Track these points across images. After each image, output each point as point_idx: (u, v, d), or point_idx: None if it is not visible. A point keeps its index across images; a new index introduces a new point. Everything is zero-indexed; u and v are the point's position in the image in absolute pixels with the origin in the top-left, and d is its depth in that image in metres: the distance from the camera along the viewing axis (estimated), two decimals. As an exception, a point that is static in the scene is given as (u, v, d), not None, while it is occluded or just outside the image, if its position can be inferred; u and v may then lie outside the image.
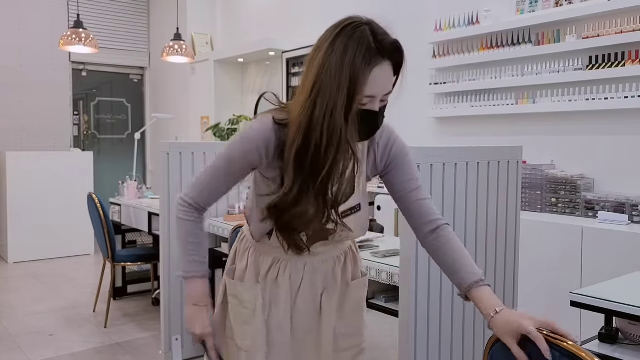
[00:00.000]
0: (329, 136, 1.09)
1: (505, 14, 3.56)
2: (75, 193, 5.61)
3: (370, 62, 1.10)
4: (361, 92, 1.10)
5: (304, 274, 1.34)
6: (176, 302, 2.97)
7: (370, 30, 1.13)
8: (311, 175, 1.14)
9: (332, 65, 1.09)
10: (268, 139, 1.18)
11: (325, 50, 1.11)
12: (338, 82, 1.08)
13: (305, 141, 1.11)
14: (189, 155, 2.96)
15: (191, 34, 6.49)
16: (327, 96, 1.08)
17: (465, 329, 2.15)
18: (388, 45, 1.13)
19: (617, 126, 3.07)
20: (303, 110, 1.11)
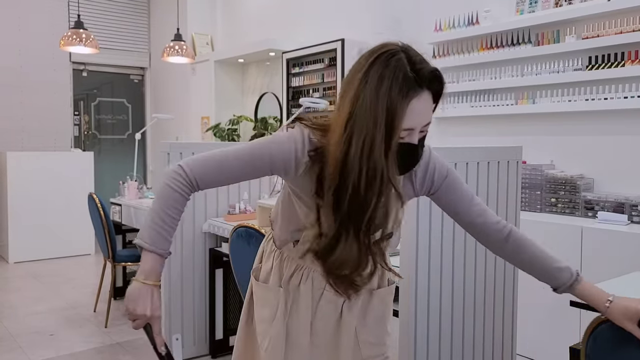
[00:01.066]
0: (369, 176, 1.01)
1: (505, 15, 3.57)
2: (75, 193, 5.61)
3: (408, 93, 1.02)
4: (399, 126, 1.02)
5: (326, 284, 1.30)
6: (176, 302, 2.97)
7: (406, 58, 1.04)
8: (350, 218, 1.06)
9: (366, 98, 1.01)
10: (299, 159, 1.12)
11: (359, 82, 1.02)
12: (374, 117, 1.00)
13: (342, 181, 1.03)
14: (189, 155, 2.93)
15: (191, 34, 6.50)
16: (364, 132, 1.00)
17: (465, 328, 2.16)
18: (427, 74, 1.04)
19: (616, 126, 3.07)
20: (338, 147, 1.03)
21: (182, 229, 2.97)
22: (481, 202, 1.30)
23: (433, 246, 1.94)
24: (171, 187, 1.15)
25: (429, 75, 1.04)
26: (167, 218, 1.15)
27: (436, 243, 1.95)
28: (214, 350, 3.06)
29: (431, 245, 1.93)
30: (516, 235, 1.31)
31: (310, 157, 1.12)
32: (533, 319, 2.93)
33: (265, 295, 1.37)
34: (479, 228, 1.30)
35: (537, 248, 1.31)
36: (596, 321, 1.25)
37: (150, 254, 1.15)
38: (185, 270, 2.99)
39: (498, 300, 2.29)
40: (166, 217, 1.15)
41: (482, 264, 2.20)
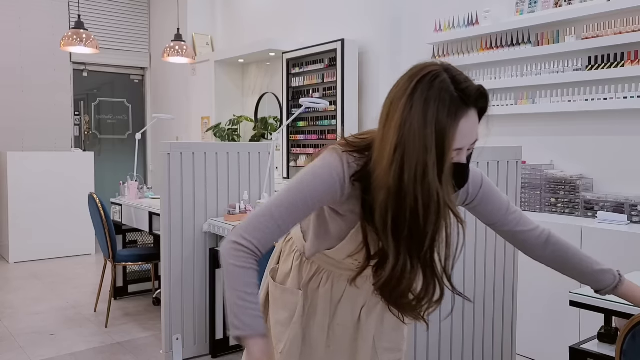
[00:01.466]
0: (426, 201, 0.99)
1: (505, 15, 3.57)
2: (76, 193, 5.61)
3: (457, 114, 0.99)
4: (451, 148, 1.00)
5: (346, 288, 1.31)
6: (176, 302, 2.98)
7: (450, 78, 1.01)
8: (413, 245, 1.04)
9: (414, 123, 0.98)
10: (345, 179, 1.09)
11: (404, 106, 1.00)
12: (424, 142, 0.98)
13: (399, 208, 1.01)
14: (189, 155, 2.97)
15: (192, 34, 6.50)
16: (415, 158, 0.98)
17: (465, 328, 2.16)
18: (473, 92, 1.02)
19: (616, 126, 3.08)
20: (388, 174, 1.00)
21: (183, 229, 2.97)
22: (517, 209, 1.29)
23: (433, 246, 1.94)
24: (238, 266, 1.10)
25: (476, 94, 1.02)
26: (250, 297, 1.11)
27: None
28: (215, 350, 3.07)
29: (431, 245, 1.93)
30: (554, 239, 1.33)
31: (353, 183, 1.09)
32: (533, 319, 2.93)
33: (283, 297, 1.35)
34: (517, 237, 1.31)
35: (577, 251, 1.34)
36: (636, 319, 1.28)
37: (254, 338, 1.11)
38: (186, 270, 3.00)
39: (498, 300, 2.29)
40: (249, 297, 1.11)
41: (482, 263, 2.20)
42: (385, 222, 1.03)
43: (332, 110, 4.58)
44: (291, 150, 5.15)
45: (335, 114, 4.55)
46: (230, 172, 3.15)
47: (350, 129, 4.49)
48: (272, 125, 5.57)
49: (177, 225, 2.95)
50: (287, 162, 5.18)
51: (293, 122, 5.02)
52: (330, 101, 4.44)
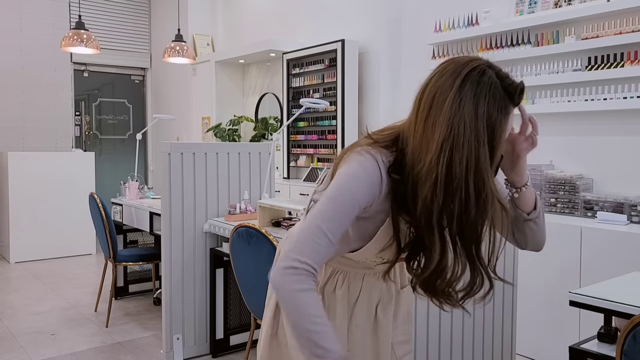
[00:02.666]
0: (478, 192, 1.01)
1: (505, 15, 3.58)
2: (76, 193, 5.62)
3: (506, 109, 1.04)
4: (502, 141, 1.04)
5: (362, 286, 1.31)
6: (177, 302, 2.98)
7: (495, 75, 1.04)
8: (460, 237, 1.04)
9: (464, 117, 1.00)
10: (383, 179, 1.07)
11: (452, 100, 1.01)
12: (476, 135, 1.00)
13: (447, 200, 1.01)
14: (190, 155, 2.97)
15: (192, 35, 6.51)
16: (466, 150, 0.99)
17: (465, 328, 2.16)
18: (516, 90, 1.05)
19: (616, 126, 3.08)
20: (435, 166, 1.00)
21: (183, 229, 2.98)
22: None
23: (433, 246, 1.94)
24: (303, 290, 1.01)
25: (519, 90, 1.06)
26: (320, 319, 1.01)
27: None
28: (215, 350, 3.07)
29: (431, 245, 1.94)
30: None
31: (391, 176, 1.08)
32: (533, 319, 2.94)
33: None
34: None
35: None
36: (636, 319, 1.28)
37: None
38: (186, 270, 3.00)
39: (498, 300, 2.30)
40: (319, 319, 1.01)
41: (482, 263, 2.20)
42: (431, 214, 1.02)
43: (332, 111, 4.59)
44: (291, 150, 5.16)
45: (335, 114, 4.55)
46: (231, 172, 3.15)
47: (350, 129, 4.49)
48: (272, 126, 5.58)
49: (178, 225, 2.96)
50: (287, 162, 5.19)
51: (293, 122, 5.03)
52: (330, 101, 4.45)
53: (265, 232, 2.15)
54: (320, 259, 1.04)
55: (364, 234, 1.16)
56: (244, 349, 3.10)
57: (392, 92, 4.41)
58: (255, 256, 2.20)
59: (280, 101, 5.53)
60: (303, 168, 5.03)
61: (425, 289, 1.12)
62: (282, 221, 2.73)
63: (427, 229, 1.04)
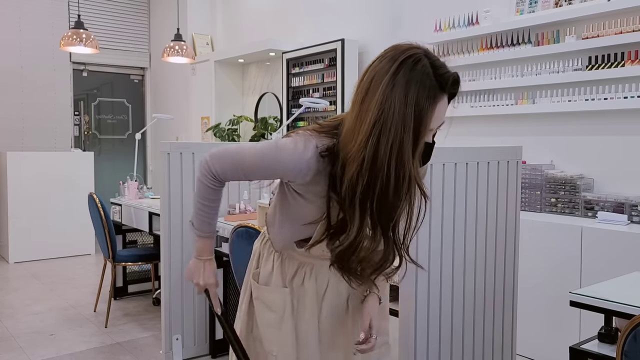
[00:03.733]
0: (398, 175, 1.05)
1: (505, 15, 3.57)
2: (76, 193, 5.61)
3: (435, 98, 1.07)
4: (427, 128, 1.07)
5: (330, 277, 1.34)
6: (176, 302, 2.98)
7: (430, 64, 1.07)
8: (379, 217, 1.09)
9: (394, 102, 1.04)
10: (309, 166, 1.13)
11: (386, 85, 1.05)
12: (403, 120, 1.04)
13: (370, 181, 1.06)
14: (189, 155, 2.96)
15: (191, 34, 6.50)
16: (392, 134, 1.03)
17: (465, 328, 2.16)
18: (450, 79, 1.09)
19: (616, 126, 3.08)
20: (363, 147, 1.05)
21: (183, 229, 2.97)
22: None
23: (433, 247, 1.94)
24: (203, 182, 1.29)
25: (452, 81, 1.09)
26: (204, 208, 1.32)
27: (436, 243, 1.95)
28: (214, 350, 3.07)
29: (431, 245, 1.93)
30: None
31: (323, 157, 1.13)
32: (533, 319, 2.93)
33: (269, 298, 1.36)
34: None
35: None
36: (636, 319, 1.29)
37: (199, 238, 1.37)
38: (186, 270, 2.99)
39: (498, 300, 2.29)
40: (204, 207, 1.32)
41: (482, 264, 2.20)
42: (354, 192, 1.07)
43: (332, 110, 4.58)
44: (291, 150, 5.15)
45: (335, 114, 4.55)
46: (230, 172, 3.14)
47: (350, 128, 4.48)
48: (272, 125, 5.57)
49: (177, 225, 2.95)
50: (287, 162, 5.17)
51: (293, 122, 5.02)
52: (330, 101, 4.44)
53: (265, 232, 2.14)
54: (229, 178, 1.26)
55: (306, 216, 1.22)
56: (243, 349, 3.09)
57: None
58: (255, 256, 2.19)
59: (280, 101, 5.52)
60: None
61: (338, 264, 1.19)
62: (282, 221, 2.72)
63: (349, 206, 1.10)
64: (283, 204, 1.29)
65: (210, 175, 1.26)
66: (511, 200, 2.30)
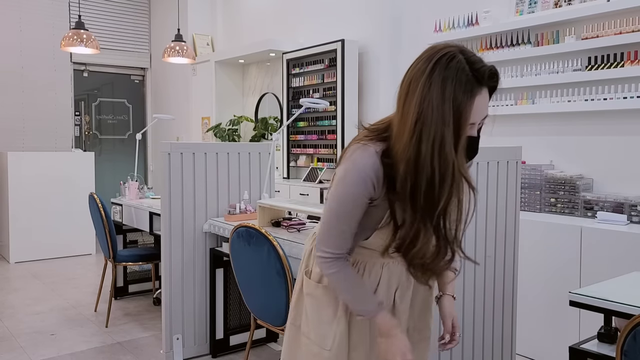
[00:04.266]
0: (442, 171, 1.09)
1: (505, 15, 3.58)
2: (76, 193, 5.62)
3: (472, 92, 1.10)
4: (467, 122, 1.11)
5: (382, 275, 1.37)
6: (177, 302, 2.98)
7: (465, 60, 1.11)
8: (427, 211, 1.14)
9: (432, 100, 1.08)
10: (376, 170, 1.18)
11: (423, 85, 1.10)
12: (442, 116, 1.08)
13: (417, 177, 1.11)
14: (189, 155, 2.97)
15: (192, 35, 6.50)
16: (433, 131, 1.08)
17: (465, 328, 2.16)
18: (486, 72, 1.12)
19: (616, 126, 3.08)
20: (408, 146, 1.10)
21: (183, 229, 2.98)
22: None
23: (433, 246, 1.94)
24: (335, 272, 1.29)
25: (488, 74, 1.13)
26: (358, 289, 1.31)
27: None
28: (215, 350, 3.07)
29: (431, 245, 1.94)
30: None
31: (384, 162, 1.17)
32: (533, 319, 2.94)
33: (325, 295, 1.38)
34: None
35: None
36: (636, 319, 1.30)
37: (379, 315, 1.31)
38: (186, 270, 3.00)
39: (498, 300, 2.30)
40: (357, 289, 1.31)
41: (482, 264, 2.20)
42: (405, 190, 1.13)
43: (332, 111, 4.59)
44: (291, 150, 5.16)
45: (335, 114, 4.55)
46: (231, 172, 3.15)
47: (350, 129, 4.49)
48: (272, 126, 5.57)
49: (178, 225, 2.96)
50: (287, 162, 5.18)
51: (293, 122, 5.03)
52: (330, 101, 4.45)
53: (265, 232, 2.15)
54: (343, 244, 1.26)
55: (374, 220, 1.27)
56: (244, 349, 3.10)
57: (392, 92, 4.36)
58: (255, 256, 2.20)
59: (280, 101, 5.53)
60: (303, 168, 5.03)
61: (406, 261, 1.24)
62: (282, 221, 2.73)
63: (404, 204, 1.16)
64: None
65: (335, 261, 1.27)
66: (511, 200, 2.31)
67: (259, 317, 2.32)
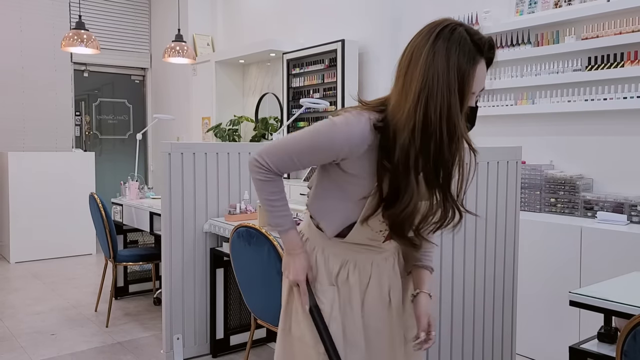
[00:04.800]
0: (450, 136, 1.12)
1: (505, 15, 3.58)
2: (77, 193, 5.62)
3: (474, 60, 1.14)
4: (470, 89, 1.14)
5: (372, 272, 1.38)
6: (177, 302, 2.98)
7: (465, 30, 1.16)
8: (436, 176, 1.17)
9: (437, 68, 1.11)
10: (364, 138, 1.18)
11: (427, 54, 1.13)
12: (447, 83, 1.11)
13: (424, 144, 1.13)
14: (190, 155, 2.97)
15: (192, 35, 6.51)
16: (439, 98, 1.11)
17: (465, 328, 2.17)
18: (485, 43, 1.17)
19: (616, 126, 3.08)
20: (413, 114, 1.12)
21: (183, 229, 2.98)
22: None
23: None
24: (261, 180, 1.31)
25: (487, 45, 1.17)
26: (273, 202, 1.33)
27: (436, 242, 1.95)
28: (215, 350, 3.07)
29: (431, 245, 1.94)
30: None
31: (377, 128, 1.19)
32: (533, 319, 2.94)
33: (318, 293, 1.37)
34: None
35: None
36: (636, 319, 1.30)
37: (285, 232, 1.36)
38: (186, 270, 3.00)
39: (498, 300, 2.30)
40: (272, 202, 1.33)
41: (482, 263, 2.20)
42: (408, 157, 1.14)
43: (332, 111, 4.59)
44: (291, 150, 5.15)
45: (335, 114, 4.55)
46: (231, 172, 3.15)
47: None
48: (272, 126, 5.58)
49: (178, 225, 2.96)
50: (287, 162, 5.18)
51: (293, 122, 5.03)
52: (330, 101, 4.45)
53: (265, 232, 2.15)
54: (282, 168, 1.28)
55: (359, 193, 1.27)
56: (244, 349, 3.10)
57: (392, 92, 4.41)
58: (256, 256, 2.20)
59: (280, 101, 5.53)
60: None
61: (394, 231, 1.25)
62: (282, 221, 2.73)
63: (403, 172, 1.16)
64: (332, 188, 1.32)
65: (263, 170, 1.29)
66: (511, 200, 2.31)
67: (259, 317, 2.33)
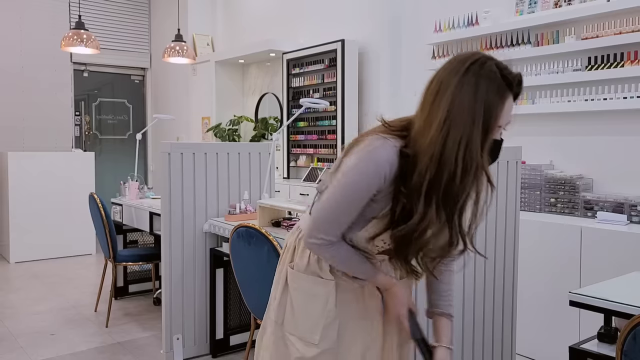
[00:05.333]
0: (465, 167, 1.14)
1: (505, 15, 3.58)
2: (76, 193, 5.62)
3: (504, 94, 1.15)
4: (496, 123, 1.16)
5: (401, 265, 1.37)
6: (177, 302, 2.98)
7: (495, 65, 1.16)
8: (444, 203, 1.18)
9: (464, 100, 1.13)
10: (392, 164, 1.19)
11: (455, 85, 1.14)
12: (472, 116, 1.13)
13: (438, 172, 1.14)
14: (190, 155, 2.97)
15: (192, 35, 6.51)
16: (461, 130, 1.12)
17: (465, 328, 2.17)
18: (514, 79, 1.17)
19: (616, 126, 3.08)
20: (435, 142, 1.14)
21: (183, 229, 2.98)
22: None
23: (433, 246, 1.94)
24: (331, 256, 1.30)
25: (517, 80, 1.18)
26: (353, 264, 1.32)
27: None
28: (215, 350, 3.07)
29: (431, 245, 1.94)
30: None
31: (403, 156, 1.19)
32: (533, 319, 2.94)
33: (313, 287, 1.36)
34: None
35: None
36: (636, 319, 1.31)
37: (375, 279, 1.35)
38: (186, 270, 3.00)
39: (498, 300, 2.30)
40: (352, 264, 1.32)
41: (482, 263, 2.20)
42: (422, 182, 1.16)
43: (332, 111, 4.59)
44: (291, 150, 5.16)
45: (335, 114, 4.55)
46: (231, 172, 3.15)
47: (350, 129, 4.49)
48: (272, 126, 5.58)
49: (178, 225, 2.96)
50: (287, 162, 5.18)
51: (293, 122, 5.03)
52: (330, 101, 4.45)
53: (265, 232, 2.15)
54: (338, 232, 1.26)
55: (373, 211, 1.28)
56: (244, 349, 3.10)
57: (392, 92, 4.41)
58: (256, 256, 2.20)
59: (280, 101, 5.53)
60: (303, 168, 5.03)
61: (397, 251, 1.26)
62: (282, 221, 2.73)
63: (416, 194, 1.18)
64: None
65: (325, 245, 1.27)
66: (511, 200, 2.31)
67: (259, 317, 2.32)
